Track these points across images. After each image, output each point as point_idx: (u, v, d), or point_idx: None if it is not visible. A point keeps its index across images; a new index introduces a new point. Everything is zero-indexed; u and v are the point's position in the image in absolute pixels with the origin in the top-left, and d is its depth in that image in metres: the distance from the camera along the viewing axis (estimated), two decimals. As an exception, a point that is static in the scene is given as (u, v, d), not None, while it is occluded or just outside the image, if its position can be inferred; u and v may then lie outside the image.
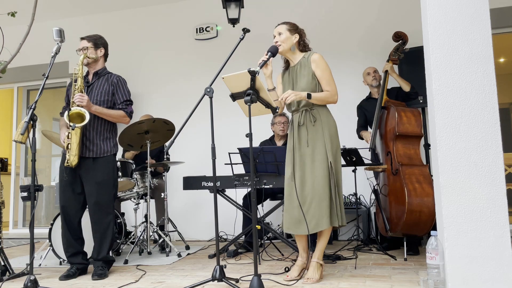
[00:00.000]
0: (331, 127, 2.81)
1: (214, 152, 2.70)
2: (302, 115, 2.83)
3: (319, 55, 2.84)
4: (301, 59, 2.89)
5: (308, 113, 2.82)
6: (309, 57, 2.85)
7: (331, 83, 2.81)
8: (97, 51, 3.38)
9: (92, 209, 3.20)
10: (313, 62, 2.82)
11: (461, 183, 2.24)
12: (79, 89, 3.18)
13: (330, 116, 2.86)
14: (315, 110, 2.82)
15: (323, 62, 2.82)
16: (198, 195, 5.03)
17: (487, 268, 2.16)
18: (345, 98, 4.73)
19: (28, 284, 2.63)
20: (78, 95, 3.12)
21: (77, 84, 3.19)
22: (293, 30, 2.88)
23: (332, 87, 2.81)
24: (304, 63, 2.86)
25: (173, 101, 5.47)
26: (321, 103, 2.81)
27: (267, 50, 2.80)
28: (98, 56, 3.38)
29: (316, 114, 2.81)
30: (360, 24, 5.03)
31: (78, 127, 3.09)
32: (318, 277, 2.73)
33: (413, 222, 3.28)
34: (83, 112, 3.10)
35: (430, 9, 2.36)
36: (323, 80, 2.81)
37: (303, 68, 2.86)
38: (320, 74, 2.81)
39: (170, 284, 2.86)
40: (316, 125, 2.80)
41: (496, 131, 2.23)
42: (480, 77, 2.27)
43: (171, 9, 5.70)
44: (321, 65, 2.81)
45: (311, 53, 2.88)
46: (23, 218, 6.25)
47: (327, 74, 2.81)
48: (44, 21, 5.43)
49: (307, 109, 2.82)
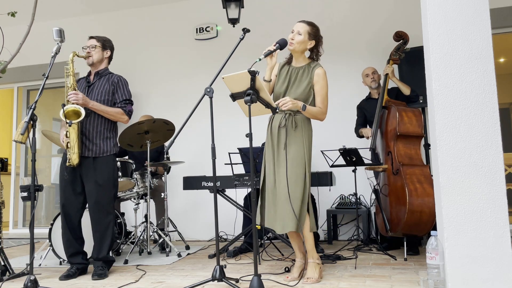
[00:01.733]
0: (310, 135, 2.86)
1: (214, 152, 2.70)
2: (284, 118, 2.84)
3: (324, 71, 2.85)
4: (305, 66, 2.89)
5: (291, 117, 2.83)
6: (314, 68, 2.85)
7: (325, 101, 2.85)
8: (103, 52, 3.41)
9: (92, 209, 3.20)
10: (316, 76, 2.83)
11: (461, 183, 2.24)
12: (72, 87, 3.19)
13: (310, 125, 2.88)
14: (298, 117, 2.83)
15: (325, 80, 2.84)
16: (198, 195, 5.03)
17: (487, 268, 2.16)
18: (345, 98, 4.75)
19: (28, 284, 2.63)
20: (72, 93, 3.12)
21: (70, 82, 3.20)
22: (312, 35, 2.85)
23: (324, 105, 2.85)
24: (307, 71, 2.87)
25: (173, 101, 5.47)
26: (311, 117, 2.86)
27: (276, 42, 2.80)
28: (104, 57, 3.42)
29: (298, 121, 2.83)
30: (361, 24, 5.03)
31: (74, 123, 3.09)
32: (318, 276, 2.73)
33: (413, 222, 3.28)
34: (78, 109, 3.10)
35: (430, 9, 2.36)
36: (319, 96, 2.83)
37: (304, 76, 2.86)
38: (319, 89, 2.83)
39: (170, 284, 2.86)
40: (297, 130, 2.81)
41: (496, 131, 2.23)
42: (480, 77, 2.27)
43: (171, 9, 5.70)
44: (322, 82, 2.83)
45: (317, 65, 2.87)
46: (23, 218, 6.25)
47: (324, 92, 2.85)
48: (44, 21, 5.43)
49: (291, 113, 2.83)
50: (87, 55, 3.35)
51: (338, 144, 3.81)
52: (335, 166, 3.84)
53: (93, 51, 3.36)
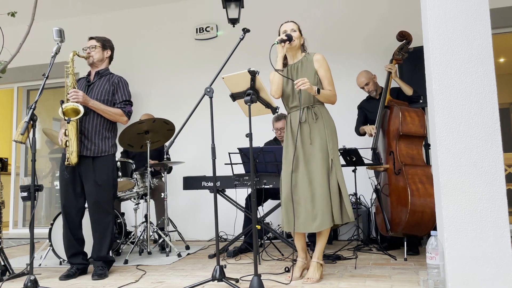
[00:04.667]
0: (331, 125, 2.87)
1: (214, 152, 2.69)
2: (303, 112, 2.85)
3: (322, 55, 2.90)
4: (302, 58, 2.93)
5: (310, 110, 2.84)
6: (312, 56, 2.89)
7: (332, 83, 2.88)
8: (103, 52, 3.42)
9: (92, 208, 3.20)
10: (316, 62, 2.86)
11: (461, 183, 2.24)
12: (72, 86, 3.19)
13: (329, 114, 2.91)
14: (316, 108, 2.85)
15: (326, 63, 2.89)
16: (198, 195, 5.03)
17: (487, 268, 2.16)
18: (345, 98, 4.74)
19: (28, 284, 2.63)
20: (73, 91, 3.13)
21: (69, 81, 3.20)
22: (300, 32, 2.95)
23: (333, 87, 2.88)
24: (305, 61, 2.90)
25: (173, 101, 5.47)
26: (324, 101, 2.87)
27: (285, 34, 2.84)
28: (104, 57, 3.43)
29: (317, 112, 2.84)
30: (361, 23, 5.02)
31: (73, 120, 3.10)
32: (318, 277, 2.73)
33: (415, 222, 3.28)
34: (77, 107, 3.10)
35: (430, 9, 2.36)
36: (325, 79, 2.86)
37: (304, 66, 2.89)
38: (323, 73, 2.86)
39: (170, 284, 2.86)
40: (318, 122, 2.83)
41: (496, 131, 2.23)
42: (480, 77, 2.27)
43: (171, 9, 5.70)
44: (324, 65, 2.87)
45: (313, 53, 2.93)
46: (23, 218, 6.25)
47: (329, 74, 2.88)
48: (44, 21, 5.43)
49: (309, 106, 2.85)
50: (87, 55, 3.35)
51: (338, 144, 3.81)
52: (335, 166, 3.83)
53: (93, 51, 3.37)
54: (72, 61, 3.24)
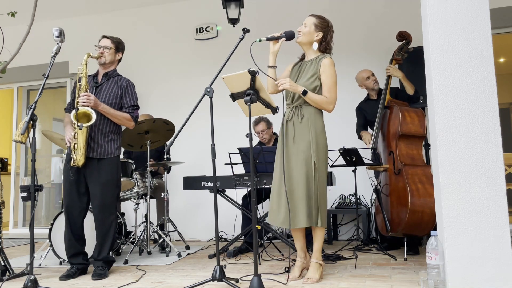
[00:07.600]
0: (318, 127, 2.79)
1: (214, 152, 2.69)
2: (291, 111, 2.84)
3: (331, 61, 2.82)
4: (314, 58, 2.88)
5: (297, 109, 2.82)
6: (322, 59, 2.83)
7: (332, 91, 2.79)
8: (116, 54, 3.41)
9: (97, 209, 3.20)
10: (323, 66, 2.80)
11: (461, 183, 2.24)
12: (84, 88, 3.18)
13: (318, 116, 2.83)
14: (304, 108, 2.82)
15: (332, 69, 2.80)
16: (198, 195, 5.03)
17: (487, 268, 2.16)
18: (345, 98, 4.74)
19: (28, 284, 2.63)
20: (84, 94, 3.11)
21: (82, 84, 3.19)
22: (319, 27, 2.86)
23: (331, 95, 2.79)
24: (314, 62, 2.86)
25: (173, 101, 5.47)
26: (314, 105, 2.80)
27: (284, 31, 2.83)
28: (116, 60, 3.43)
29: (304, 112, 2.81)
30: (361, 23, 5.02)
31: (85, 126, 3.08)
32: (318, 277, 2.73)
33: (415, 223, 3.28)
34: (90, 112, 3.09)
35: (430, 9, 2.36)
36: (325, 85, 2.80)
37: (311, 67, 2.86)
38: (324, 79, 2.79)
39: (170, 284, 2.86)
40: (303, 122, 2.79)
41: (496, 131, 2.23)
42: (480, 77, 2.27)
43: (171, 9, 5.70)
44: (328, 71, 2.79)
45: (325, 56, 2.85)
46: (23, 218, 6.25)
47: (331, 81, 2.79)
48: (44, 21, 5.42)
49: (298, 106, 2.83)
50: (99, 55, 3.32)
51: (338, 144, 3.81)
52: (335, 166, 3.83)
53: (106, 52, 3.34)
54: (86, 63, 3.20)
